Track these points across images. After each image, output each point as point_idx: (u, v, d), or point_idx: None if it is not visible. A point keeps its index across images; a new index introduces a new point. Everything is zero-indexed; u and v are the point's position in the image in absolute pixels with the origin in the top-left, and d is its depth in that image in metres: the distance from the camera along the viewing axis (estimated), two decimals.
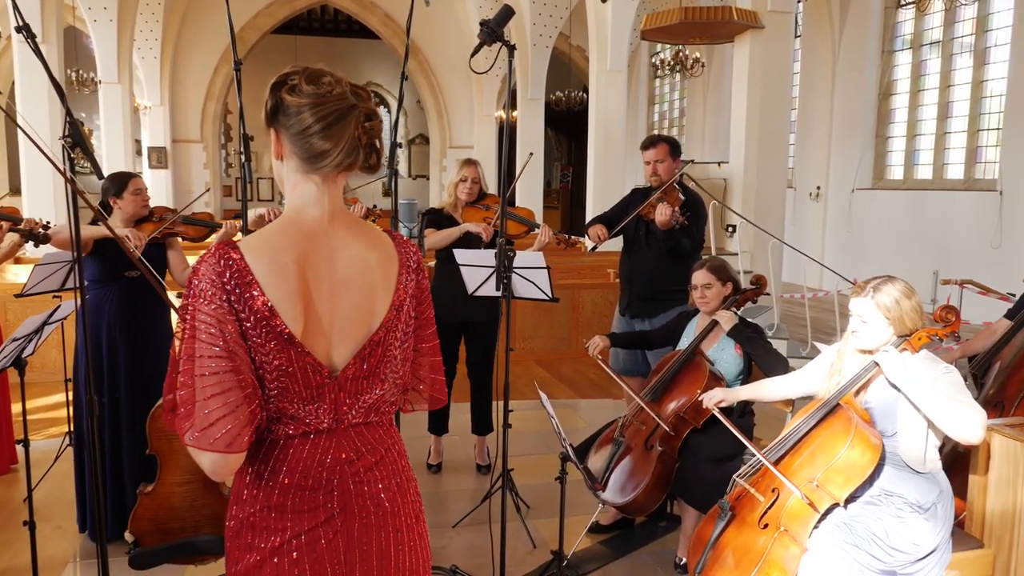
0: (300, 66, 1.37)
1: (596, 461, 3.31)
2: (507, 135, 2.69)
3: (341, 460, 1.38)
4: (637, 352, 4.03)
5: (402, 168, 25.30)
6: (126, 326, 3.33)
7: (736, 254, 7.70)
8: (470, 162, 4.29)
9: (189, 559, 2.81)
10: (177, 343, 1.29)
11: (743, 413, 3.29)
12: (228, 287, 1.27)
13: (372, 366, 1.41)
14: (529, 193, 14.78)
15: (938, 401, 2.27)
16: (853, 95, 11.90)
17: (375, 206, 3.76)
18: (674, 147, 4.05)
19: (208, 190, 13.13)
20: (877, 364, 2.41)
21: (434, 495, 4.06)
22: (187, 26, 16.93)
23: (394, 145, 2.64)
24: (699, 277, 3.23)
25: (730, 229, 8.07)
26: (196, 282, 1.28)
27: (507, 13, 2.54)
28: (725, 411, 3.19)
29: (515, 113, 15.94)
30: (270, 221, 3.79)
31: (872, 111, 11.75)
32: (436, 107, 19.16)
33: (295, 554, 1.34)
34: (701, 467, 3.02)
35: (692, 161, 5.42)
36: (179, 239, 3.62)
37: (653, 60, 13.35)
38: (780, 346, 7.06)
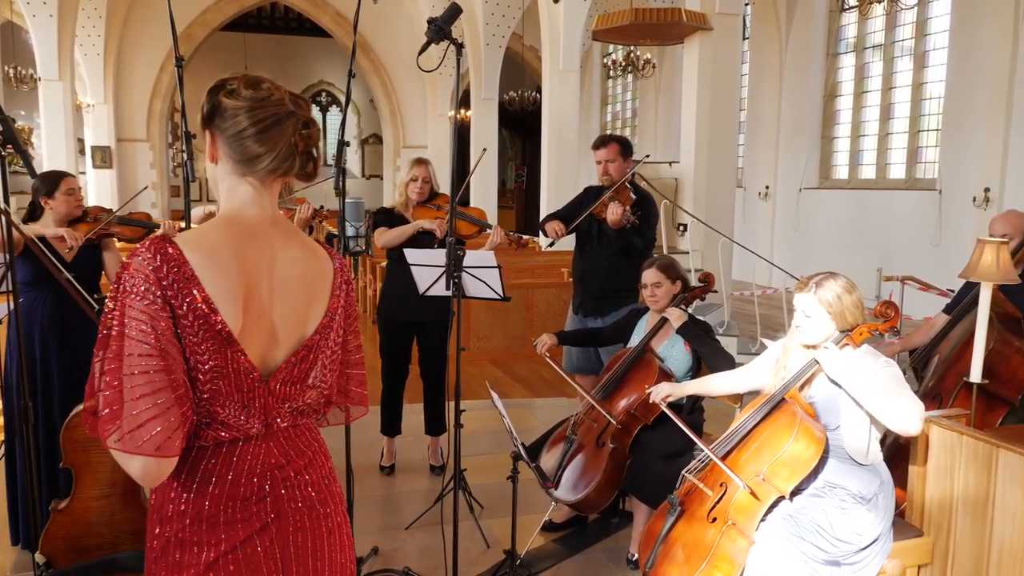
0: (239, 73, 1.37)
1: (549, 460, 3.32)
2: (456, 134, 2.68)
3: (272, 466, 1.36)
4: (590, 350, 4.05)
5: (355, 168, 25.08)
6: (59, 329, 3.22)
7: (687, 252, 7.80)
8: (421, 161, 4.26)
9: None
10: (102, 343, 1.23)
11: (692, 410, 3.33)
12: (165, 282, 1.23)
13: (303, 372, 1.40)
14: (483, 193, 14.77)
15: (877, 395, 2.33)
16: (800, 96, 12.16)
17: (322, 207, 3.70)
18: (625, 147, 4.09)
19: (146, 188, 12.80)
20: (818, 362, 2.47)
21: (387, 497, 4.03)
22: (132, 22, 16.52)
23: (341, 144, 2.60)
24: (649, 276, 3.26)
25: (681, 228, 8.17)
26: (127, 278, 1.23)
27: (455, 11, 2.53)
28: (675, 408, 3.23)
29: (468, 113, 15.92)
30: None
31: (818, 112, 12.02)
32: (389, 106, 19.03)
33: (232, 567, 1.31)
34: (652, 463, 3.05)
35: (647, 156, 5.44)
36: (115, 240, 3.52)
37: (605, 61, 13.45)
38: (731, 343, 7.18)
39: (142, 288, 1.22)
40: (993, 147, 8.95)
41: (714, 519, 2.43)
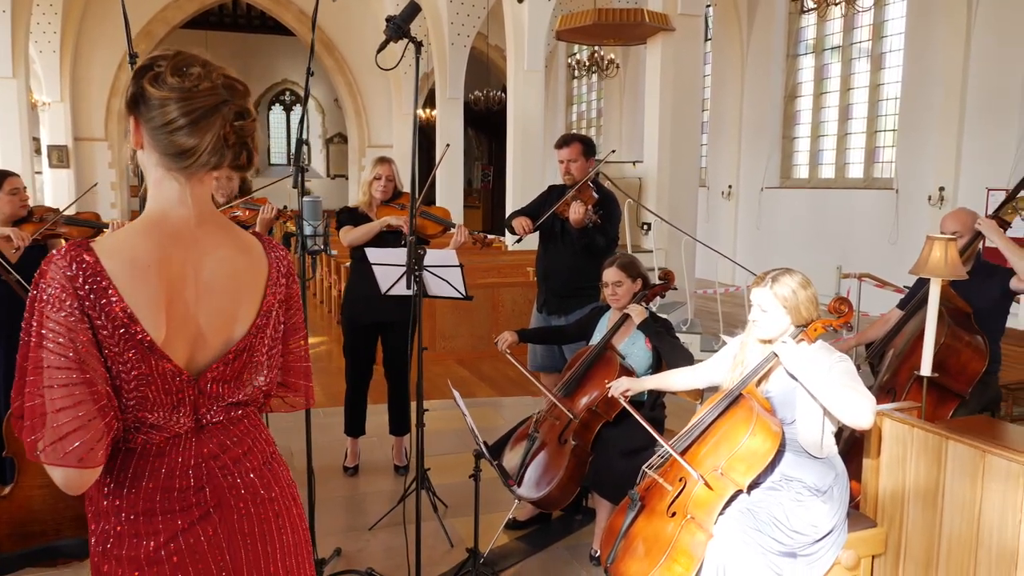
0: (171, 50, 1.30)
1: (512, 458, 3.33)
2: (416, 134, 2.67)
3: (205, 455, 1.35)
4: (554, 349, 4.07)
5: (320, 168, 24.87)
6: (7, 327, 3.15)
7: (651, 251, 7.87)
8: (384, 160, 4.24)
9: (50, 563, 2.69)
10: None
11: (654, 406, 3.36)
12: (81, 292, 1.19)
13: (236, 371, 1.37)
14: (449, 192, 14.74)
15: (831, 389, 2.38)
16: (761, 97, 12.33)
17: (285, 207, 3.67)
18: (588, 146, 4.11)
19: (95, 185, 12.54)
20: (776, 355, 2.51)
21: (351, 498, 4.01)
22: (89, 18, 16.18)
23: (300, 142, 2.58)
24: (609, 274, 3.29)
25: (645, 227, 8.24)
26: (44, 286, 1.19)
27: (413, 10, 2.53)
28: (636, 404, 3.26)
29: (434, 112, 15.88)
30: None
31: (779, 113, 12.20)
32: (354, 106, 18.90)
33: (175, 558, 1.30)
34: (613, 459, 3.07)
35: (613, 151, 5.48)
36: (62, 240, 3.46)
37: (569, 61, 13.51)
38: (694, 340, 7.27)
39: (59, 298, 1.19)
40: (947, 147, 9.17)
41: (673, 513, 2.46)
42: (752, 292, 2.58)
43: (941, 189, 9.26)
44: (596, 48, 11.68)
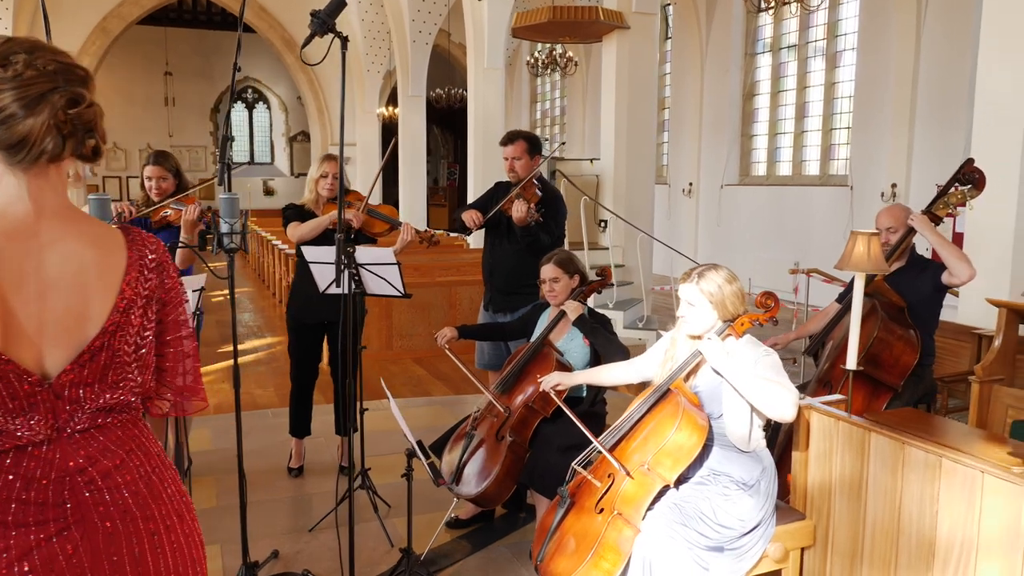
0: (2, 38, 1.25)
1: (451, 456, 3.31)
2: (341, 131, 2.64)
3: (70, 470, 1.29)
4: (501, 346, 4.06)
5: (284, 166, 24.63)
6: None
7: (607, 248, 7.90)
8: (330, 157, 4.19)
9: None
10: None
11: (594, 402, 3.37)
12: None
13: (96, 372, 1.31)
14: (412, 190, 14.68)
15: (754, 383, 2.40)
16: (720, 95, 12.44)
17: (209, 207, 3.60)
18: (532, 144, 4.10)
19: None
20: (701, 352, 2.52)
21: (294, 499, 3.96)
22: (40, 14, 15.83)
23: (225, 139, 2.53)
24: (547, 271, 3.29)
25: (602, 224, 8.27)
26: None
27: (338, 4, 2.50)
28: (574, 400, 3.27)
29: (396, 110, 15.80)
30: (126, 219, 3.60)
31: (737, 110, 12.32)
32: (316, 104, 18.75)
33: (29, 574, 1.24)
34: (551, 456, 3.07)
35: (563, 143, 5.48)
36: None
37: (529, 59, 13.50)
38: (650, 337, 7.31)
39: None
40: (899, 145, 9.33)
41: (601, 510, 2.46)
42: (679, 288, 2.59)
43: (894, 186, 9.41)
44: (554, 46, 11.69)
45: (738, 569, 2.46)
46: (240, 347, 8.04)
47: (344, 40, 2.52)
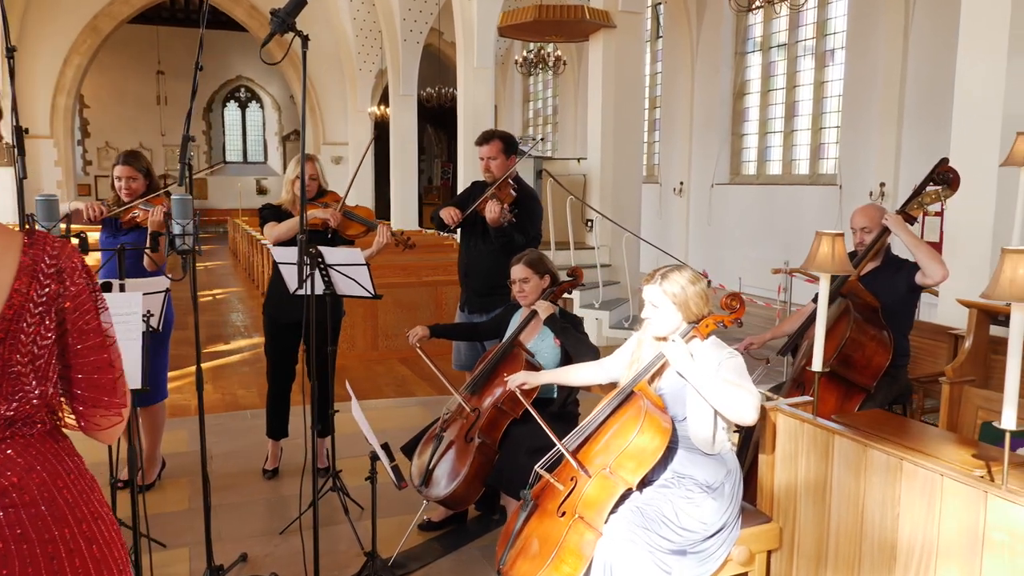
0: None
1: (421, 458, 3.29)
2: (302, 131, 2.61)
3: None
4: (478, 347, 4.03)
5: (276, 165, 24.58)
6: None
7: (594, 248, 7.88)
8: (307, 158, 4.17)
9: None
10: None
11: (566, 403, 3.35)
12: None
13: None
14: (403, 190, 14.65)
15: (716, 386, 2.38)
16: (711, 95, 12.43)
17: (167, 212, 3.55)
18: (508, 144, 4.08)
19: None
20: (664, 355, 2.50)
21: (267, 502, 3.94)
22: (32, 14, 15.78)
23: (186, 139, 2.50)
24: (516, 271, 3.27)
25: (589, 224, 8.25)
26: None
27: (298, 3, 2.47)
28: (545, 401, 3.25)
29: (387, 109, 15.76)
30: (91, 218, 3.58)
31: (728, 110, 12.31)
32: (309, 102, 18.69)
33: None
34: (519, 458, 3.05)
35: (541, 138, 5.46)
36: None
37: (517, 58, 13.45)
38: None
39: None
40: (887, 144, 9.32)
41: (563, 513, 2.44)
42: (643, 290, 2.57)
43: (882, 185, 9.40)
44: (542, 45, 11.67)
45: (701, 572, 2.43)
46: (226, 347, 8.04)
47: (304, 39, 2.50)
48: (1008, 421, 1.96)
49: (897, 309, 3.46)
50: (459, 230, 4.17)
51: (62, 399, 1.39)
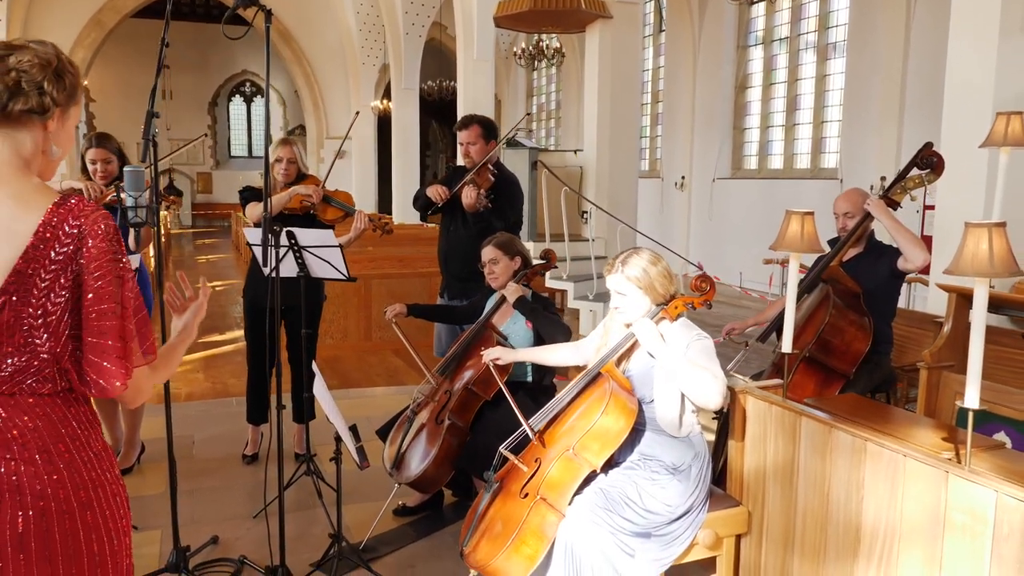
0: None
1: (393, 441, 3.26)
2: (267, 113, 2.59)
3: None
4: (458, 332, 4.01)
5: None
6: None
7: (588, 240, 7.84)
8: (286, 142, 4.15)
9: None
10: None
11: (541, 384, 3.31)
12: None
13: (1, 332, 1.32)
14: (405, 184, 14.63)
15: (683, 368, 2.34)
16: (712, 88, 12.35)
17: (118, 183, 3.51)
18: (487, 129, 4.04)
19: None
20: (634, 334, 2.46)
21: (244, 486, 3.92)
22: (35, 8, 15.81)
23: (149, 114, 2.48)
24: (486, 253, 3.24)
25: (585, 215, 8.20)
26: None
27: None
28: (519, 384, 3.21)
29: (389, 103, 15.74)
30: (96, 200, 3.56)
31: (729, 104, 12.22)
32: (312, 97, 18.70)
33: None
34: (490, 440, 3.01)
35: (528, 114, 5.43)
36: None
37: (515, 50, 13.37)
38: None
39: None
40: (888, 137, 9.23)
41: (525, 495, 2.41)
42: (606, 280, 2.53)
43: (883, 179, 9.30)
44: (540, 36, 11.61)
45: (666, 556, 2.40)
46: (221, 337, 8.03)
47: (268, 13, 2.47)
48: (971, 400, 1.91)
49: (879, 295, 3.41)
50: (440, 215, 4.14)
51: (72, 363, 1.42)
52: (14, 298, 1.32)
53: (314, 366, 2.94)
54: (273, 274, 3.28)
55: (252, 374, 4.20)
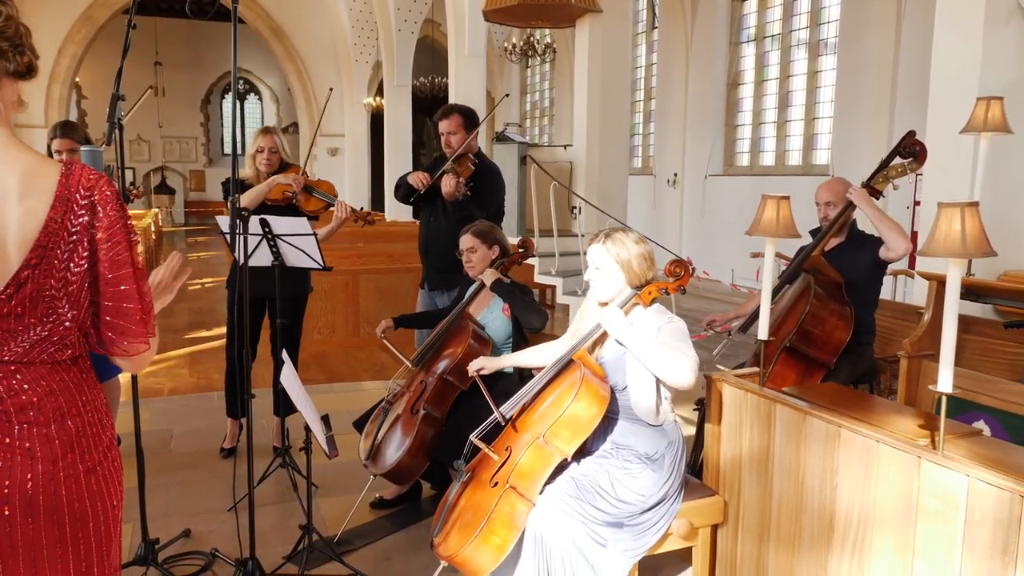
0: None
1: (369, 433, 3.22)
2: (234, 95, 2.54)
3: None
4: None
5: None
6: None
7: (578, 235, 7.79)
8: (266, 131, 4.11)
9: None
10: None
11: (522, 377, 3.26)
12: None
13: (24, 304, 1.33)
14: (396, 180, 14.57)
15: (653, 350, 2.31)
16: (704, 85, 12.30)
17: (108, 167, 3.45)
18: (468, 118, 4.00)
19: None
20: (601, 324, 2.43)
21: (221, 479, 3.86)
22: (27, 2, 15.72)
23: (114, 97, 2.44)
24: (463, 241, 3.20)
25: (574, 211, 8.16)
26: None
27: None
28: (500, 374, 3.16)
29: (382, 100, 15.69)
30: None
31: (721, 100, 12.19)
32: (304, 94, 18.65)
33: None
34: (466, 430, 2.96)
35: (506, 95, 5.40)
36: None
37: (507, 45, 13.31)
38: None
39: None
40: (879, 134, 9.20)
41: (495, 484, 2.37)
42: (588, 250, 2.49)
43: None
44: (530, 32, 11.56)
45: (638, 546, 2.36)
46: (208, 333, 7.98)
47: None
48: (944, 384, 1.87)
49: (861, 285, 3.37)
50: (422, 203, 4.10)
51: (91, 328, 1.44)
52: (37, 272, 1.34)
53: (283, 355, 2.88)
54: (246, 261, 3.25)
55: (231, 367, 4.15)
